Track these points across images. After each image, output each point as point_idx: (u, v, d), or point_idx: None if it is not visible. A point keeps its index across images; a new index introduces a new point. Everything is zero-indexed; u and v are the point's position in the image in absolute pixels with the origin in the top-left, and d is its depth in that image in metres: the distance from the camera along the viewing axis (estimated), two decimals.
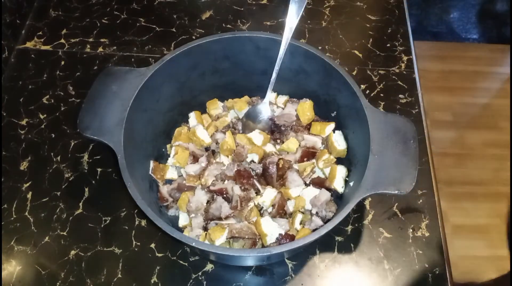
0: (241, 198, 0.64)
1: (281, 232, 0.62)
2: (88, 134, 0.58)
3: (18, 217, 0.71)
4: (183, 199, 0.66)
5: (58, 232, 0.69)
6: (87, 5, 0.98)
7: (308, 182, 0.68)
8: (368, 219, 0.71)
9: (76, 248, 0.68)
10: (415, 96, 0.85)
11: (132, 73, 0.62)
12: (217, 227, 0.62)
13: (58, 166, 0.76)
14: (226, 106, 0.76)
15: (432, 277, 0.66)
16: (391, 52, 0.92)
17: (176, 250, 0.68)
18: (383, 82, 0.87)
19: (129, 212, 0.71)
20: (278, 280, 0.66)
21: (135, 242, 0.68)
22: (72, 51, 0.90)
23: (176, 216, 0.67)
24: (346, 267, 0.67)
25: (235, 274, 0.66)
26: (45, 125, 0.81)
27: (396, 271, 0.66)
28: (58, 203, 0.72)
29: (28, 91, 0.85)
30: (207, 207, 0.64)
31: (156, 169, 0.68)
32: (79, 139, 0.79)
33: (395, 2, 1.01)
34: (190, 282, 0.65)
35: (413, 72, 0.89)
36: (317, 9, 0.98)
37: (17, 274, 0.66)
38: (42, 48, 0.91)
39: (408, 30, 0.96)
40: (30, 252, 0.68)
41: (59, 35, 0.93)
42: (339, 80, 0.63)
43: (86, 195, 0.73)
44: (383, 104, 0.84)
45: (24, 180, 0.74)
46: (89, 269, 0.66)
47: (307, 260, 0.67)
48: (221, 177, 0.67)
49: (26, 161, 0.76)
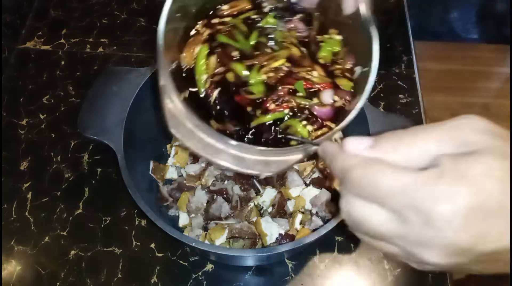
0: (241, 198, 0.64)
1: (281, 232, 0.62)
2: (88, 134, 0.58)
3: (18, 217, 0.71)
4: (183, 199, 0.66)
5: (58, 232, 0.69)
6: (87, 5, 0.98)
7: (308, 182, 0.68)
8: None
9: (76, 248, 0.68)
10: (415, 96, 0.85)
11: (132, 73, 0.62)
12: (217, 227, 0.62)
13: (58, 166, 0.76)
14: None
15: (432, 277, 0.66)
16: (391, 52, 0.92)
17: (176, 250, 0.67)
18: (383, 82, 0.87)
19: (129, 212, 0.71)
20: (278, 280, 0.66)
21: (135, 242, 0.68)
22: (72, 51, 0.90)
23: (176, 216, 0.67)
24: (346, 267, 0.67)
25: (235, 274, 0.66)
26: (45, 125, 0.81)
27: (396, 271, 0.66)
28: (58, 203, 0.72)
29: (28, 91, 0.85)
30: (207, 207, 0.64)
31: (156, 169, 0.68)
32: (79, 139, 0.79)
33: (395, 2, 1.01)
34: (190, 282, 0.65)
35: (413, 72, 0.89)
36: None
37: (17, 274, 0.66)
38: (42, 48, 0.91)
39: (408, 30, 0.96)
40: (30, 252, 0.68)
41: (59, 35, 0.93)
42: None
43: (86, 195, 0.73)
44: (383, 104, 0.84)
45: (24, 180, 0.74)
46: (89, 269, 0.66)
47: (307, 260, 0.67)
48: (221, 177, 0.67)
49: (26, 161, 0.76)
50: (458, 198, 0.24)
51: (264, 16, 0.51)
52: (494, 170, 0.24)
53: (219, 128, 0.45)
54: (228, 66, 0.48)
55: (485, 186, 0.24)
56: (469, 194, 0.24)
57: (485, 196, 0.24)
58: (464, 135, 0.26)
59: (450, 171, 0.25)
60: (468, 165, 0.25)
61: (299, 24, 0.51)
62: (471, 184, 0.24)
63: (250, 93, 0.46)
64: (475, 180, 0.24)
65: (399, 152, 0.28)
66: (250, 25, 0.51)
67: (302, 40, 0.51)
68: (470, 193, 0.24)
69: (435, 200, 0.24)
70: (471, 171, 0.24)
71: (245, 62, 0.48)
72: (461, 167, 0.25)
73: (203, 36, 0.49)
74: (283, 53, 0.49)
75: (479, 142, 0.26)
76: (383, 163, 0.27)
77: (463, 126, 0.27)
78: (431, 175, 0.25)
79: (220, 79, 0.47)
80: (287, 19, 0.51)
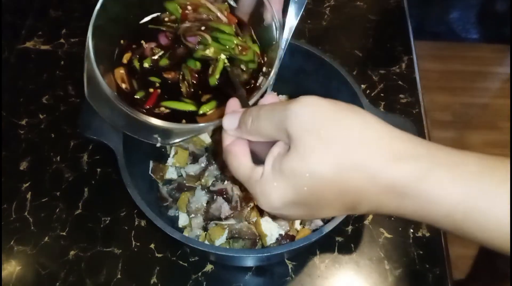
0: (241, 199, 0.64)
1: (281, 233, 0.62)
2: (88, 134, 0.58)
3: (18, 217, 0.71)
4: (183, 200, 0.66)
5: (58, 232, 0.69)
6: (87, 5, 0.98)
7: None
8: (369, 219, 0.71)
9: (75, 248, 0.68)
10: (415, 96, 0.85)
11: None
12: (217, 228, 0.62)
13: (58, 166, 0.76)
14: None
15: (432, 277, 0.66)
16: (391, 52, 0.92)
17: (176, 251, 0.67)
18: (383, 82, 0.87)
19: (129, 212, 0.71)
20: (278, 281, 0.66)
21: (135, 243, 0.68)
22: (72, 51, 0.90)
23: (176, 217, 0.67)
24: (346, 268, 0.67)
25: (235, 275, 0.66)
26: (45, 125, 0.81)
27: (396, 271, 0.66)
28: (57, 203, 0.72)
29: (28, 91, 0.85)
30: (207, 207, 0.64)
31: (155, 169, 0.68)
32: (79, 139, 0.79)
33: (395, 2, 1.01)
34: (189, 282, 0.65)
35: (413, 72, 0.89)
36: (317, 9, 0.98)
37: (17, 274, 0.66)
38: (42, 48, 0.91)
39: (408, 30, 0.96)
40: (30, 252, 0.67)
41: (59, 35, 0.93)
42: (339, 80, 0.63)
43: (86, 195, 0.73)
44: (384, 104, 0.84)
45: (24, 180, 0.74)
46: (88, 269, 0.66)
47: (307, 260, 0.67)
48: (221, 177, 0.67)
49: (26, 161, 0.76)
50: (269, 199, 0.33)
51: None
52: (296, 170, 0.31)
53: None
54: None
55: (289, 187, 0.32)
56: (277, 194, 0.32)
57: (290, 194, 0.32)
58: (287, 129, 0.31)
59: (267, 174, 0.33)
60: (280, 166, 0.32)
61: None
62: (280, 185, 0.32)
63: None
64: (282, 181, 0.32)
65: (252, 135, 0.35)
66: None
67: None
68: (277, 194, 0.32)
69: (256, 197, 0.34)
70: (279, 174, 0.32)
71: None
72: (275, 169, 0.32)
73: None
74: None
75: (295, 138, 0.31)
76: (235, 154, 0.36)
77: (288, 117, 0.31)
78: (257, 175, 0.34)
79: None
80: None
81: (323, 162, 0.30)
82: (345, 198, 0.31)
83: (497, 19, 2.03)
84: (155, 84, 0.48)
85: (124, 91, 0.47)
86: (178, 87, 0.48)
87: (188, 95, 0.48)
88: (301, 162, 0.31)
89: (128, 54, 0.49)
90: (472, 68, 1.99)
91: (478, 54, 2.03)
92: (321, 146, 0.30)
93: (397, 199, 0.30)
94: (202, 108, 0.47)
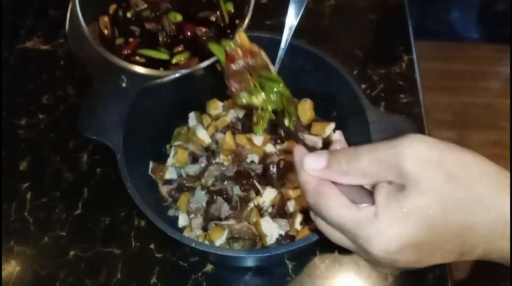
0: (241, 199, 0.64)
1: (281, 233, 0.62)
2: (88, 134, 0.58)
3: (18, 217, 0.71)
4: (182, 200, 0.66)
5: (58, 232, 0.69)
6: None
7: None
8: None
9: (75, 249, 0.68)
10: (415, 96, 0.85)
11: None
12: (217, 228, 0.62)
13: (58, 166, 0.76)
14: (226, 106, 0.76)
15: (432, 277, 0.66)
16: (391, 51, 0.92)
17: (176, 251, 0.67)
18: (383, 81, 0.87)
19: (129, 213, 0.71)
20: (278, 281, 0.66)
21: (135, 243, 0.68)
22: (72, 51, 0.90)
23: (176, 217, 0.67)
24: (346, 268, 0.67)
25: (235, 275, 0.66)
26: (45, 125, 0.81)
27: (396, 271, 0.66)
28: (57, 203, 0.72)
29: (28, 91, 0.85)
30: (207, 207, 0.64)
31: (155, 169, 0.68)
32: (78, 139, 0.78)
33: (395, 2, 1.00)
34: (189, 282, 0.65)
35: (413, 71, 0.89)
36: (317, 8, 0.98)
37: (16, 274, 0.66)
38: (42, 48, 0.91)
39: (408, 29, 0.95)
40: (30, 252, 0.67)
41: (59, 35, 0.92)
42: (340, 80, 0.63)
43: (86, 195, 0.73)
44: (384, 104, 0.84)
45: (23, 180, 0.74)
46: (88, 270, 0.66)
47: (307, 260, 0.67)
48: (221, 177, 0.66)
49: (26, 161, 0.76)
50: (386, 240, 0.30)
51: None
52: (419, 208, 0.29)
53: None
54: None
55: (410, 226, 0.29)
56: (396, 235, 0.29)
57: (410, 235, 0.29)
58: (400, 166, 0.29)
59: (383, 212, 0.30)
60: (398, 204, 0.29)
61: None
62: (400, 225, 0.29)
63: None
64: (403, 221, 0.29)
65: (349, 176, 0.33)
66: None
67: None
68: (397, 234, 0.29)
69: (369, 239, 0.30)
70: (399, 212, 0.29)
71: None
72: (392, 207, 0.30)
73: None
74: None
75: (413, 175, 0.29)
76: (331, 194, 0.33)
77: (401, 154, 0.30)
78: (368, 214, 0.31)
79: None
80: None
81: (448, 197, 0.29)
82: (460, 239, 0.30)
83: (498, 19, 2.02)
84: (135, 33, 0.52)
85: (106, 37, 0.51)
86: (156, 37, 0.52)
87: (164, 45, 0.51)
88: (423, 199, 0.29)
89: (114, 6, 0.53)
90: (472, 68, 1.99)
91: (478, 54, 2.02)
92: (448, 182, 0.29)
93: (505, 230, 0.29)
94: (176, 58, 0.50)
